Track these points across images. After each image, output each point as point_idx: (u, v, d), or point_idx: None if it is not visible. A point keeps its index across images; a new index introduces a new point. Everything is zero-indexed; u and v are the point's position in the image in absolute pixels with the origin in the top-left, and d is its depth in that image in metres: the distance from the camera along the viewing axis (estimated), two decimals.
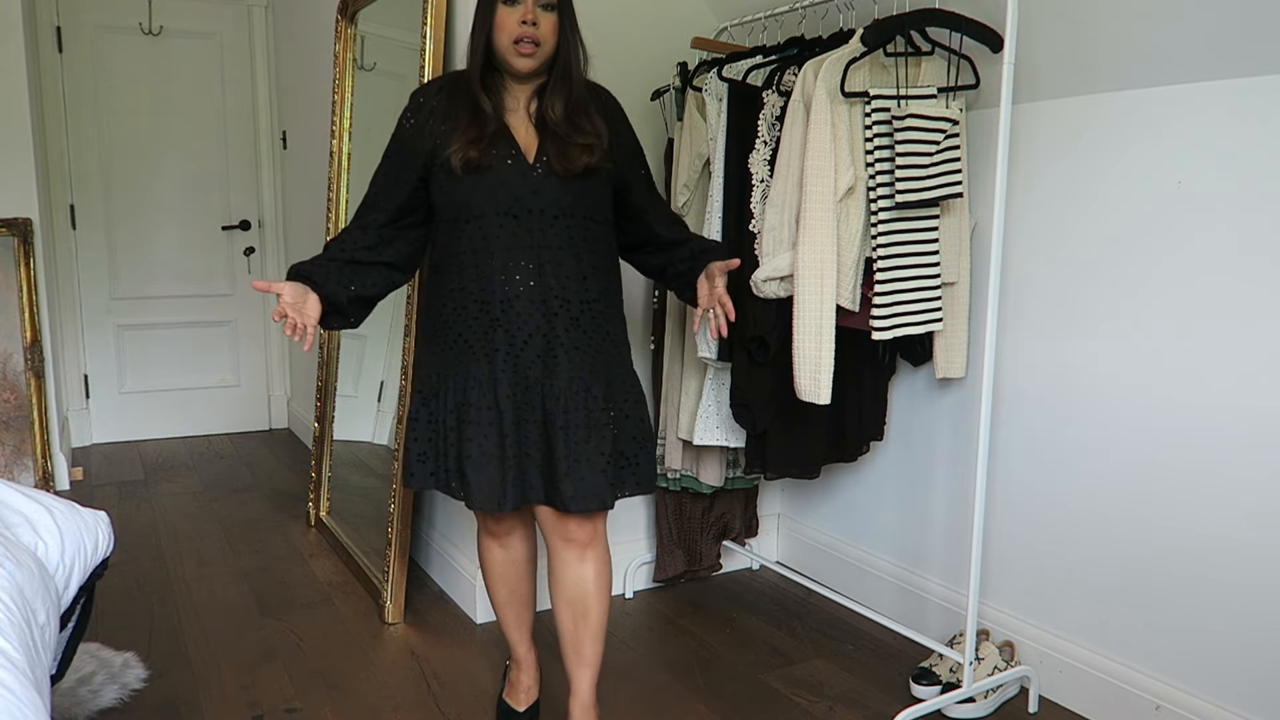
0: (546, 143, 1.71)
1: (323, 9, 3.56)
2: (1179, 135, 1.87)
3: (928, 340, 2.31)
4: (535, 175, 1.71)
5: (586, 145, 1.71)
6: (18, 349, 3.56)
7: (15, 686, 1.11)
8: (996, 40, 2.03)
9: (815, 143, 2.00)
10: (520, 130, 1.74)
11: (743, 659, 2.39)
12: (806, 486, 2.88)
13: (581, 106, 1.74)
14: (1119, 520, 2.03)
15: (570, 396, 1.72)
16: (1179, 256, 1.89)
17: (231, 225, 4.60)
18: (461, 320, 1.75)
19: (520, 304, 1.71)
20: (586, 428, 1.72)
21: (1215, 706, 1.89)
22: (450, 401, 1.76)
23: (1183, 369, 1.90)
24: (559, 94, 1.72)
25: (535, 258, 1.70)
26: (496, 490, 1.74)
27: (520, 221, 1.70)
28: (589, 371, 1.74)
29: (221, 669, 2.31)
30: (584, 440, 1.72)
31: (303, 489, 3.73)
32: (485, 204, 1.70)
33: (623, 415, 1.78)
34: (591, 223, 1.76)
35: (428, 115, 1.76)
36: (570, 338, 1.73)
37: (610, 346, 1.79)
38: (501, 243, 1.70)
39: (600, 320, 1.77)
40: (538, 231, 1.70)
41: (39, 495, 1.63)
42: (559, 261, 1.72)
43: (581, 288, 1.74)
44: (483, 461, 1.73)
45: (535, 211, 1.70)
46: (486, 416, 1.73)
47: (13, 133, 3.56)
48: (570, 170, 1.70)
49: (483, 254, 1.71)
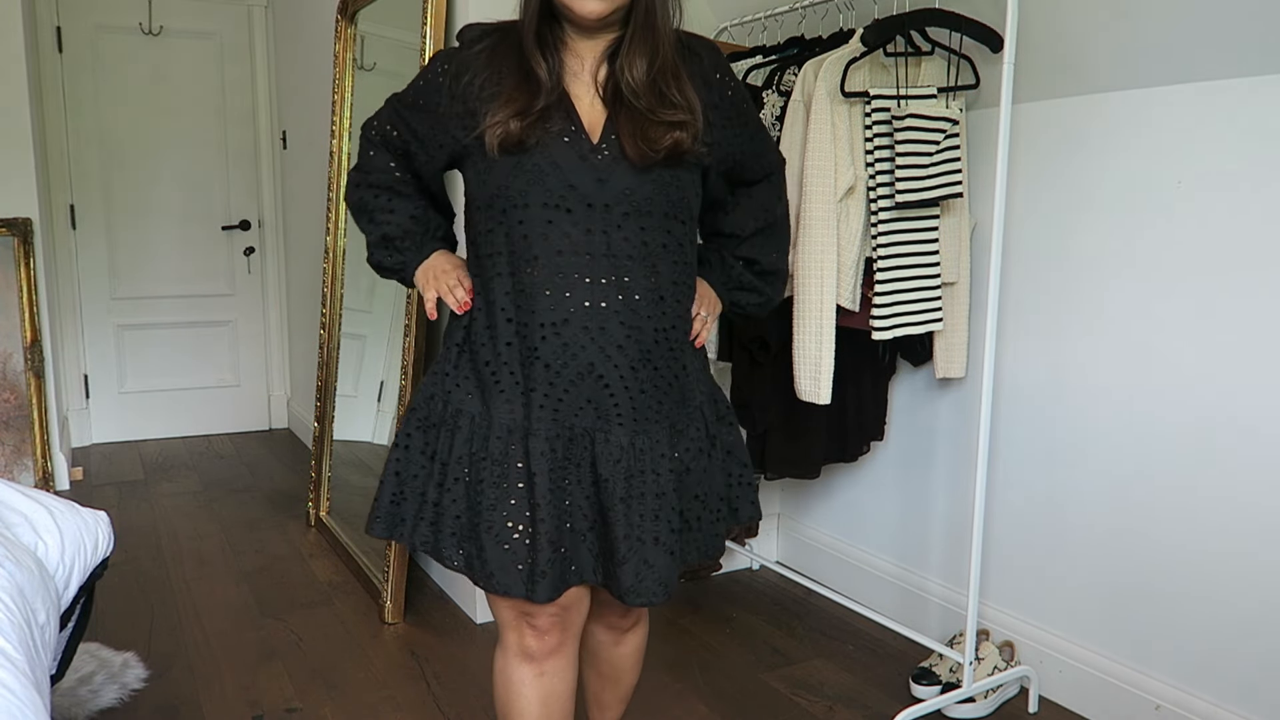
0: (619, 117, 1.29)
1: (323, 9, 3.56)
2: (1179, 135, 1.87)
3: (928, 340, 2.31)
4: (600, 159, 1.28)
5: (677, 123, 1.28)
6: (18, 349, 3.56)
7: (15, 686, 1.11)
8: (996, 40, 2.03)
9: (815, 142, 2.00)
10: (584, 100, 1.31)
11: (742, 659, 2.39)
12: (806, 486, 2.88)
13: (669, 70, 1.30)
14: (1119, 520, 2.03)
15: (635, 456, 1.32)
16: (1179, 256, 1.89)
17: (231, 225, 4.60)
18: (489, 344, 1.34)
19: (571, 331, 1.29)
20: (655, 497, 1.33)
21: (1215, 706, 1.89)
22: (459, 445, 1.35)
23: (1183, 368, 1.90)
24: (639, 51, 1.28)
25: (597, 269, 1.28)
26: (524, 571, 1.30)
27: (575, 218, 1.27)
28: (661, 418, 1.36)
29: (221, 669, 2.31)
30: (653, 515, 1.33)
31: (303, 489, 3.73)
32: (529, 190, 1.27)
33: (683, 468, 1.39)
34: (674, 223, 1.33)
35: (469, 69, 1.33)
36: (636, 379, 1.32)
37: (687, 380, 1.40)
38: (550, 245, 1.28)
39: (677, 353, 1.37)
40: (599, 234, 1.28)
41: (39, 495, 1.63)
42: (629, 274, 1.29)
43: (657, 310, 1.33)
44: (504, 534, 1.31)
45: (598, 207, 1.28)
46: (513, 475, 1.31)
47: (13, 133, 3.56)
48: (650, 155, 1.27)
49: (523, 259, 1.29)
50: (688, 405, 1.41)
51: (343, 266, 3.26)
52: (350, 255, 3.23)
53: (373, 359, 3.14)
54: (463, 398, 1.36)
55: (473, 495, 1.33)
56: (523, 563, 1.30)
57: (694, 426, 1.41)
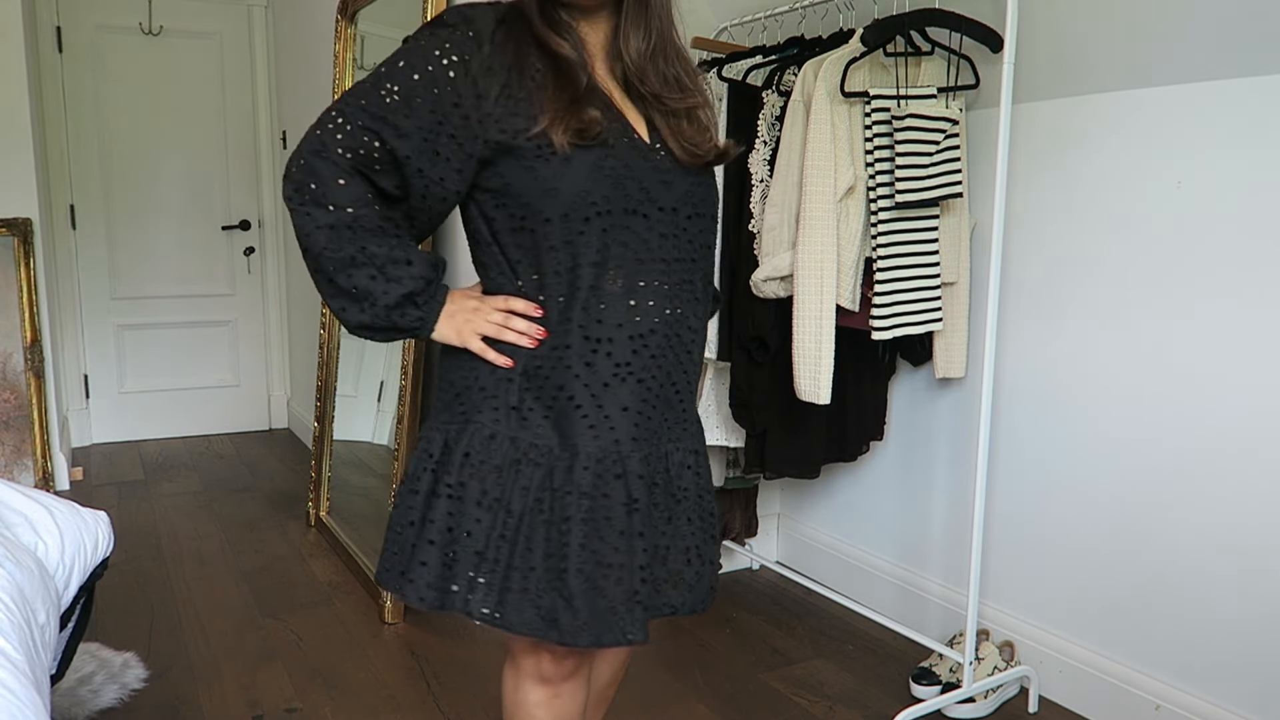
0: (652, 113, 1.24)
1: (323, 9, 3.56)
2: (1179, 135, 1.87)
3: (928, 340, 2.31)
4: (659, 158, 1.23)
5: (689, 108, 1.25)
6: (18, 349, 3.56)
7: (15, 686, 1.11)
8: (996, 40, 2.03)
9: (815, 142, 2.00)
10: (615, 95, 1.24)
11: (742, 659, 2.39)
12: (806, 486, 2.88)
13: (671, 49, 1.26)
14: (1119, 520, 2.03)
15: (697, 469, 1.32)
16: (1179, 256, 1.89)
17: (231, 225, 4.60)
18: (560, 369, 1.21)
19: (657, 342, 1.22)
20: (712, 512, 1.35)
21: (1215, 706, 1.89)
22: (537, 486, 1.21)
23: (1183, 369, 1.90)
24: (635, 27, 1.23)
25: (671, 275, 1.23)
26: (622, 618, 1.20)
27: (651, 223, 1.21)
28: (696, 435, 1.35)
29: (221, 669, 2.31)
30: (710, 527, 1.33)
31: (303, 489, 3.73)
32: (613, 196, 1.18)
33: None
34: (715, 225, 1.33)
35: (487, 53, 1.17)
36: (690, 388, 1.30)
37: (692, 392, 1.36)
38: (629, 252, 1.20)
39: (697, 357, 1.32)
40: (670, 239, 1.23)
41: (39, 495, 1.64)
42: (694, 279, 1.27)
43: (703, 315, 1.31)
44: (602, 577, 1.19)
45: (667, 210, 1.22)
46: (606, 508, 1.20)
47: (13, 133, 3.56)
48: (697, 157, 1.25)
49: (603, 270, 1.19)
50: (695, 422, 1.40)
51: None
52: None
53: (373, 359, 3.14)
54: (536, 432, 1.21)
55: (556, 538, 1.20)
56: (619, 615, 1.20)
57: None
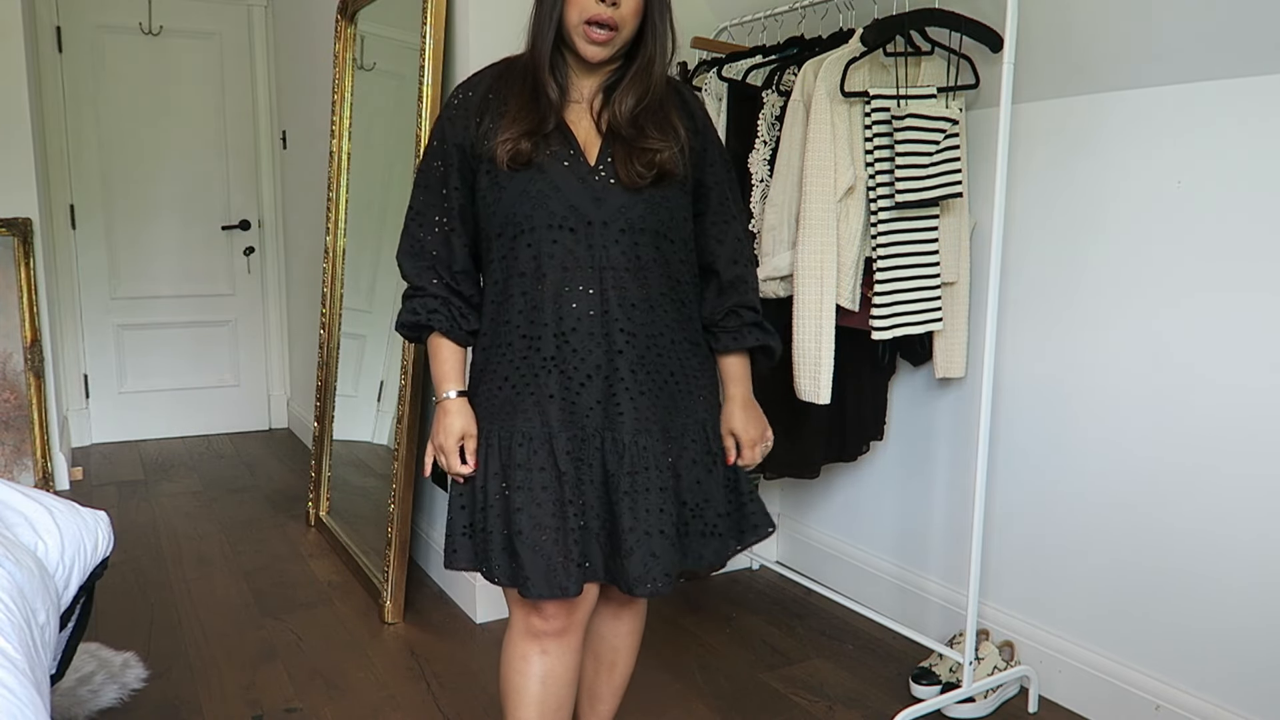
0: (614, 144, 1.43)
1: (323, 9, 3.56)
2: (1179, 135, 1.87)
3: (927, 340, 2.31)
4: (597, 180, 1.42)
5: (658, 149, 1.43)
6: (18, 349, 3.56)
7: (15, 686, 1.11)
8: (996, 40, 2.03)
9: (815, 142, 2.00)
10: (580, 125, 1.45)
11: (742, 659, 2.39)
12: (806, 486, 2.88)
13: (655, 108, 1.45)
14: (1119, 520, 2.03)
15: (637, 453, 1.43)
16: (1179, 256, 1.89)
17: (231, 225, 4.60)
18: (504, 360, 1.46)
19: (578, 338, 1.42)
20: (659, 491, 1.44)
21: (1215, 706, 1.89)
22: (494, 463, 1.45)
23: (1182, 369, 1.90)
24: (632, 91, 1.43)
25: (596, 281, 1.42)
26: (559, 573, 1.40)
27: (578, 236, 1.41)
28: (655, 420, 1.46)
29: (221, 669, 2.31)
30: (657, 510, 1.43)
31: (303, 489, 3.73)
32: (536, 213, 1.41)
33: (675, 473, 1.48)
34: (664, 240, 1.46)
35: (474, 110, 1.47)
36: (635, 380, 1.44)
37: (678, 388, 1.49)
38: (555, 262, 1.41)
39: (668, 357, 1.48)
40: (599, 249, 1.41)
41: (39, 495, 1.63)
42: (623, 286, 1.43)
43: (649, 318, 1.45)
44: (538, 537, 1.40)
45: (596, 224, 1.41)
46: (540, 479, 1.42)
47: (13, 133, 3.56)
48: (639, 178, 1.41)
49: (532, 277, 1.42)
50: (683, 414, 1.49)
51: (342, 266, 3.26)
52: (350, 255, 3.23)
53: (373, 359, 3.14)
54: (490, 416, 1.47)
55: (510, 508, 1.42)
56: (556, 570, 1.40)
57: (690, 436, 1.50)
